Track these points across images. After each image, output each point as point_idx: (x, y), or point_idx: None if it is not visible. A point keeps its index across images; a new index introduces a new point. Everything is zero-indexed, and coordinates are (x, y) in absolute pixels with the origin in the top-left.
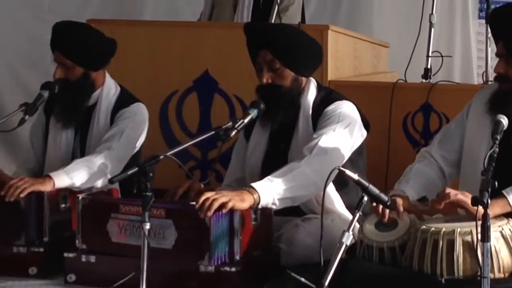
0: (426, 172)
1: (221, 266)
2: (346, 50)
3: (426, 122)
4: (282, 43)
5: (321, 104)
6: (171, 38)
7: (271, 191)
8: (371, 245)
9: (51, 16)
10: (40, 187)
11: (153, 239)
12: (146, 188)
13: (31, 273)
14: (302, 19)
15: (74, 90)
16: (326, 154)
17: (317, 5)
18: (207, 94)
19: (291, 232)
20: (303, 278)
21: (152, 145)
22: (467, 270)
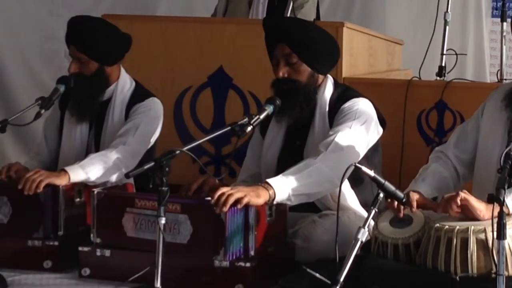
0: (441, 172)
1: (236, 261)
2: (361, 47)
3: (440, 120)
4: (300, 37)
5: (338, 101)
6: (186, 34)
7: (287, 187)
8: (386, 242)
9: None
10: (55, 181)
11: (168, 233)
12: (162, 183)
13: (45, 266)
14: (317, 16)
15: (89, 84)
16: (342, 151)
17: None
18: (221, 90)
19: (308, 229)
20: (318, 274)
21: (166, 140)
22: (481, 268)
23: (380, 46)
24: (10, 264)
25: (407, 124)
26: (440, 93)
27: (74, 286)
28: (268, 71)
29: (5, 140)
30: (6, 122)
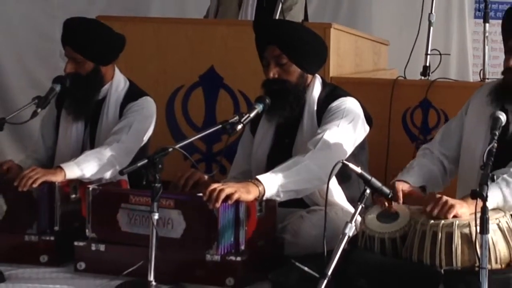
0: (429, 166)
1: (227, 256)
2: (348, 47)
3: (425, 118)
4: (289, 39)
5: (326, 100)
6: (178, 35)
7: (276, 184)
8: (373, 236)
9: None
10: (51, 178)
11: (161, 228)
12: (155, 180)
13: (42, 261)
14: (305, 18)
15: (85, 84)
16: (330, 148)
17: (319, 3)
18: (212, 89)
19: (296, 224)
20: (306, 267)
21: (158, 138)
22: (465, 261)
23: (366, 46)
24: (7, 259)
25: (392, 122)
26: (424, 92)
27: (70, 280)
28: (258, 71)
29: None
30: (3, 120)
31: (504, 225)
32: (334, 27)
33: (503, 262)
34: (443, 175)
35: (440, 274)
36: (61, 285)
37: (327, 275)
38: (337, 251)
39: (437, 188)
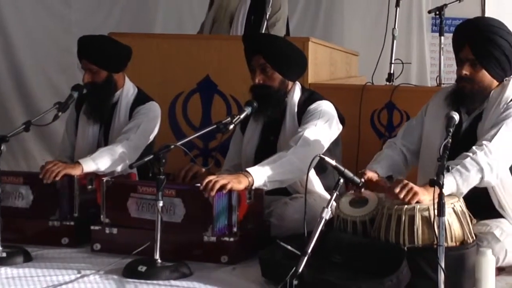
0: (393, 156)
1: (221, 237)
2: (323, 58)
3: (390, 117)
4: (272, 50)
5: (305, 103)
6: (179, 48)
7: (263, 175)
8: (346, 219)
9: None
10: (71, 171)
11: (165, 214)
12: (159, 172)
13: (63, 242)
14: (287, 32)
15: (101, 90)
16: (309, 144)
17: (298, 19)
18: (208, 95)
19: (281, 209)
20: (290, 246)
21: (162, 137)
22: (425, 239)
23: (339, 57)
24: (33, 241)
25: (362, 122)
26: (389, 95)
27: (87, 259)
28: (247, 78)
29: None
30: (29, 123)
31: (458, 208)
32: (312, 41)
33: (457, 240)
34: (405, 165)
35: (403, 251)
36: (79, 264)
37: (307, 253)
38: (316, 232)
39: (400, 175)
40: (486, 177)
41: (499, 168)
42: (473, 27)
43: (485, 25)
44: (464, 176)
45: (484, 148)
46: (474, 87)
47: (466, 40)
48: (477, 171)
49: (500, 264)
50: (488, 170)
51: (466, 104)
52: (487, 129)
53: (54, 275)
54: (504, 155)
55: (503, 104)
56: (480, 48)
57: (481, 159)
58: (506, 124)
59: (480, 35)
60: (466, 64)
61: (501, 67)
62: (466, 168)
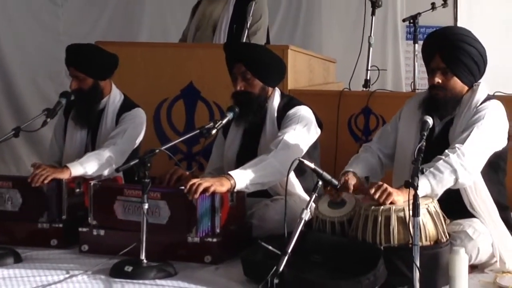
0: (369, 159)
1: (205, 238)
2: (302, 65)
3: (366, 122)
4: (253, 58)
5: (284, 108)
6: (163, 56)
7: (245, 178)
8: (325, 220)
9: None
10: (59, 175)
11: (150, 216)
12: (145, 176)
13: (52, 244)
14: (267, 41)
15: (88, 97)
16: (289, 148)
17: (278, 28)
18: (191, 101)
19: (262, 210)
20: (270, 246)
21: (147, 142)
22: (400, 239)
23: (317, 63)
24: (23, 243)
25: (340, 126)
26: (366, 101)
27: (76, 259)
28: (229, 85)
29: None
30: (19, 129)
31: (432, 209)
32: (291, 48)
33: (431, 239)
34: (380, 168)
35: (380, 250)
36: (68, 264)
37: (288, 252)
38: (296, 233)
39: (376, 178)
40: (460, 178)
41: (473, 169)
42: (442, 37)
43: (453, 33)
44: (438, 178)
45: (457, 150)
46: (447, 94)
47: (436, 50)
48: (450, 173)
49: (473, 262)
50: (462, 171)
51: (440, 111)
52: (459, 133)
53: (44, 275)
54: (477, 156)
55: (473, 108)
56: (450, 56)
57: (454, 161)
58: (477, 127)
59: (449, 44)
60: (437, 72)
61: (471, 73)
62: (440, 170)
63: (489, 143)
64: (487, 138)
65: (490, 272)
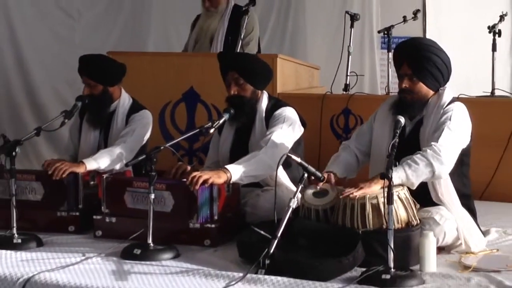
0: (347, 158)
1: (205, 224)
2: (290, 71)
3: (346, 121)
4: (245, 66)
5: (271, 109)
6: (167, 64)
7: (239, 171)
8: (310, 208)
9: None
10: (76, 169)
11: (156, 205)
12: (151, 169)
13: (70, 230)
14: (259, 50)
15: (99, 101)
16: (277, 145)
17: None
18: (192, 103)
19: (254, 199)
20: (262, 231)
21: (153, 139)
22: (375, 224)
23: (303, 70)
24: (44, 229)
25: (323, 125)
26: (345, 102)
27: (91, 243)
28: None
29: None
30: (40, 128)
31: (403, 195)
32: (280, 57)
33: (403, 222)
34: (357, 164)
35: (358, 234)
36: (84, 248)
37: (277, 236)
38: (284, 219)
39: (353, 174)
40: (437, 170)
41: (449, 163)
42: (409, 47)
43: (419, 44)
44: (413, 168)
45: (432, 147)
46: (413, 97)
47: (404, 58)
48: (426, 165)
49: (440, 244)
50: (438, 165)
51: (408, 112)
52: (430, 132)
53: (62, 257)
54: (450, 152)
55: (440, 110)
56: (416, 65)
57: (430, 156)
58: (447, 127)
59: (415, 54)
60: (405, 78)
61: (436, 79)
62: (415, 161)
63: (459, 140)
64: (458, 136)
65: (455, 253)
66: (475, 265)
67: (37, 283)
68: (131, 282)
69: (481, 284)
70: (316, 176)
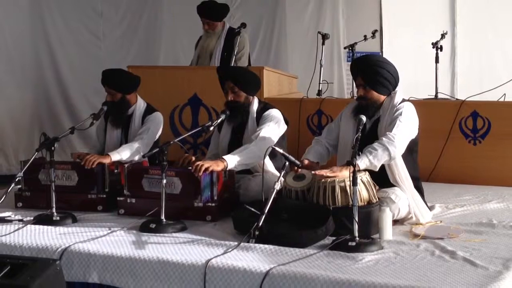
0: (319, 149)
1: (206, 203)
2: (274, 80)
3: (319, 120)
4: (238, 77)
5: (261, 111)
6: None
7: (234, 160)
8: (291, 189)
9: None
10: (103, 160)
11: (167, 188)
12: (163, 160)
13: (98, 209)
14: (249, 63)
15: (118, 106)
16: (265, 139)
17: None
18: (196, 106)
19: (246, 183)
20: (253, 208)
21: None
22: (343, 202)
23: (285, 79)
24: (78, 209)
25: (300, 123)
26: (319, 105)
27: (115, 220)
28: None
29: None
30: (73, 128)
31: (365, 179)
32: (266, 69)
33: (364, 201)
34: (327, 154)
35: (330, 210)
36: (110, 223)
37: (264, 212)
38: (270, 199)
39: (324, 162)
40: (392, 153)
41: (400, 147)
42: (361, 64)
43: (369, 60)
44: (373, 154)
45: (387, 135)
46: (368, 102)
47: (358, 72)
48: (383, 150)
49: (395, 217)
50: (393, 149)
51: (365, 113)
52: (385, 127)
53: (93, 231)
54: (402, 139)
55: (394, 108)
56: (367, 77)
57: (385, 142)
58: (399, 120)
59: (366, 69)
60: (360, 87)
61: (385, 86)
62: (375, 148)
63: (409, 130)
64: (407, 126)
65: (407, 224)
66: (423, 234)
67: (72, 252)
68: (147, 250)
69: (428, 249)
70: (295, 164)
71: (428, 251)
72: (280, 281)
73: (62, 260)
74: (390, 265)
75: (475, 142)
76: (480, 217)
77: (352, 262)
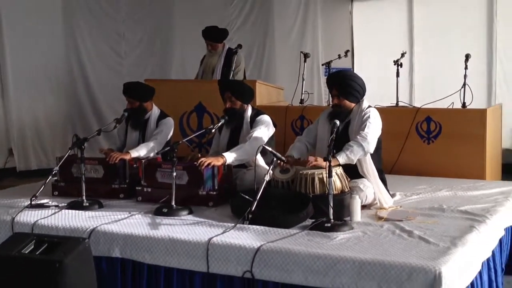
0: (300, 147)
1: (209, 192)
2: (264, 91)
3: (302, 124)
4: (235, 89)
5: (254, 116)
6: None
7: (232, 157)
8: (278, 181)
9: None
10: (124, 156)
11: (177, 180)
12: (173, 156)
13: (120, 197)
14: (244, 77)
15: (136, 113)
16: (257, 140)
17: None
18: (201, 113)
19: (242, 175)
20: (247, 196)
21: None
22: (320, 190)
23: (273, 90)
24: (104, 197)
25: (287, 126)
26: (301, 111)
27: (134, 206)
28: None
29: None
30: (100, 130)
31: (339, 172)
32: (258, 82)
33: (338, 190)
34: (307, 151)
35: (309, 197)
36: (130, 208)
37: (256, 199)
38: (261, 188)
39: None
40: (366, 148)
41: (372, 143)
42: (335, 78)
43: (342, 75)
44: (350, 150)
45: (360, 133)
46: (341, 109)
47: (333, 84)
48: (358, 146)
49: (363, 203)
50: (366, 145)
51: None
52: (355, 128)
53: (115, 215)
54: (373, 137)
55: (362, 113)
56: (341, 89)
57: (360, 140)
58: (369, 121)
59: (339, 82)
60: (335, 97)
61: (354, 96)
62: (351, 145)
63: (377, 129)
64: (375, 126)
65: (373, 209)
66: (386, 216)
67: (99, 232)
68: (161, 230)
69: (390, 229)
70: (281, 160)
71: (390, 230)
72: (269, 255)
73: (90, 238)
74: (359, 242)
75: (429, 142)
76: (433, 203)
77: (328, 240)
